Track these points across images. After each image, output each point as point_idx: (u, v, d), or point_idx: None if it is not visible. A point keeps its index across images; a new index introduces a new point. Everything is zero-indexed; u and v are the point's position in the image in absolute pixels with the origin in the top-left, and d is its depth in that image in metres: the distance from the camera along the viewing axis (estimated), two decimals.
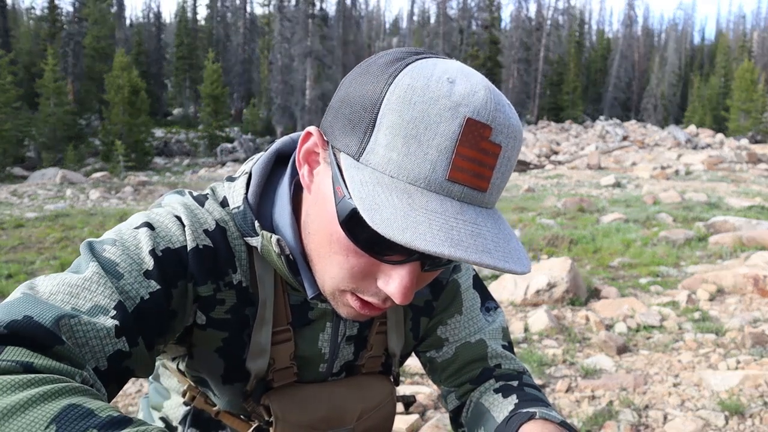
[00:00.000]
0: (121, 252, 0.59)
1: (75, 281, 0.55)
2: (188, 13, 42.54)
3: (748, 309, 3.69)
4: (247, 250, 0.68)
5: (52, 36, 29.65)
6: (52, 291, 0.54)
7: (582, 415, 2.32)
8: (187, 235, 0.63)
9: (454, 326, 0.81)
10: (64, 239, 6.47)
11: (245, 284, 0.68)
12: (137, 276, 0.58)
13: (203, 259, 0.63)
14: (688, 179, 12.46)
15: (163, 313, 0.60)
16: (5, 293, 4.34)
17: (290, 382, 0.74)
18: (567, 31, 47.72)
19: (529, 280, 3.95)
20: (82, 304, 0.54)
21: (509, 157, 0.53)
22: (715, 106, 42.17)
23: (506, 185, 0.57)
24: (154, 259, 0.60)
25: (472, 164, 0.50)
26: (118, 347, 0.54)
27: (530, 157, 18.47)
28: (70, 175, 14.75)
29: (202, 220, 0.65)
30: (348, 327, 0.75)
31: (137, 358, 0.58)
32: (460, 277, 0.83)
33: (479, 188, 0.51)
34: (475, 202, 0.52)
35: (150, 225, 0.62)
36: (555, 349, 3.07)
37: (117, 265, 0.58)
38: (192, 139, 28.76)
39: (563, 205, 8.25)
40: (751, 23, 61.00)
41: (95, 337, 0.53)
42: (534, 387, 0.79)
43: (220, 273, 0.65)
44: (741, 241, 5.47)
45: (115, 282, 0.57)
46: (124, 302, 0.56)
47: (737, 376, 2.56)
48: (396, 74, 0.52)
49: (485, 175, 0.51)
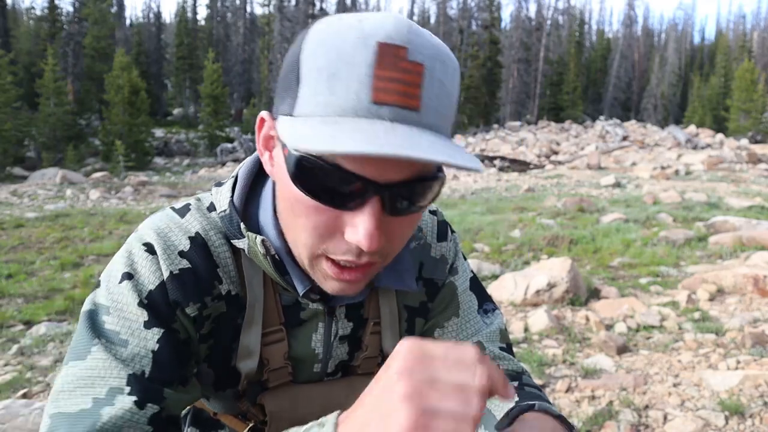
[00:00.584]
0: (118, 318, 0.62)
1: (85, 374, 0.60)
2: (188, 13, 42.53)
3: (748, 309, 3.69)
4: (233, 254, 0.68)
5: (52, 36, 29.64)
6: (72, 394, 0.59)
7: (582, 415, 2.33)
8: (160, 264, 0.63)
9: (451, 329, 0.81)
10: (64, 239, 6.47)
11: (234, 291, 0.68)
12: (140, 333, 0.62)
13: (182, 282, 0.64)
14: (688, 179, 12.47)
15: (179, 348, 0.64)
16: (5, 293, 4.35)
17: (286, 382, 0.75)
18: (567, 31, 47.73)
19: (530, 280, 3.95)
20: (99, 392, 0.59)
21: (441, 79, 0.52)
22: (715, 106, 42.17)
23: (450, 111, 0.55)
24: (144, 308, 0.62)
25: (396, 84, 0.50)
26: (148, 414, 0.60)
27: (530, 157, 18.47)
28: (70, 175, 14.75)
29: (176, 242, 0.65)
30: (341, 327, 0.75)
31: (173, 405, 0.62)
32: (456, 279, 0.82)
33: (410, 106, 0.50)
34: (411, 122, 0.51)
35: (128, 274, 0.63)
36: (555, 349, 3.07)
37: (119, 333, 0.61)
38: (192, 139, 28.76)
39: (563, 205, 8.25)
40: (751, 23, 60.99)
41: (125, 422, 0.58)
42: (534, 387, 0.79)
43: (203, 291, 0.66)
44: (741, 241, 5.48)
45: (123, 351, 0.61)
46: (136, 370, 0.60)
47: (737, 376, 2.56)
48: (309, 28, 0.55)
49: (413, 93, 0.50)
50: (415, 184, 0.54)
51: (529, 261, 5.21)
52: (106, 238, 6.57)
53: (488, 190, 11.59)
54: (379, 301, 0.77)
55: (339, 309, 0.74)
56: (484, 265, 4.78)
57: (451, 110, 0.55)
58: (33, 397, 2.61)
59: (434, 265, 0.81)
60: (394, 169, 0.52)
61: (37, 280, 4.80)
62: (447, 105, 0.54)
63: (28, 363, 3.02)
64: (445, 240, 0.82)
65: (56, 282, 4.73)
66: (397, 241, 0.59)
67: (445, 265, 0.82)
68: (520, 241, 5.96)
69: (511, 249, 5.68)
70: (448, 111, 0.54)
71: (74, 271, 5.13)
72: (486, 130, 29.05)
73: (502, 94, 38.02)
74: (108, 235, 6.78)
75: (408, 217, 0.58)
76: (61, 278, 4.89)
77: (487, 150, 20.43)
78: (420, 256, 0.80)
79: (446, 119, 0.54)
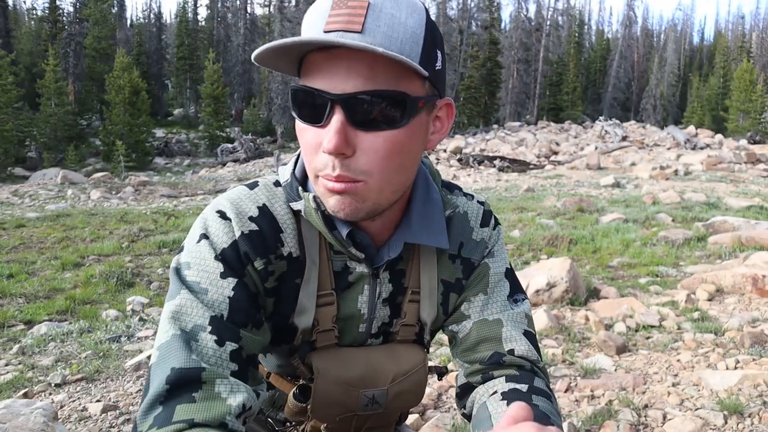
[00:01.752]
0: (198, 271, 0.71)
1: (176, 308, 0.70)
2: (189, 14, 42.52)
3: (747, 309, 3.70)
4: (295, 220, 0.78)
5: (53, 36, 29.60)
6: (165, 325, 0.69)
7: (581, 415, 2.34)
8: (234, 226, 0.73)
9: (476, 303, 0.86)
10: (65, 239, 6.48)
11: (295, 254, 0.77)
12: (216, 282, 0.71)
13: (251, 241, 0.73)
14: (687, 179, 12.47)
15: (251, 297, 0.73)
16: (6, 293, 4.36)
17: (331, 344, 0.82)
18: (566, 32, 47.72)
19: (529, 279, 3.96)
20: (185, 325, 0.68)
21: (390, 12, 0.63)
22: (714, 106, 42.16)
23: (407, 39, 0.65)
24: (220, 261, 0.72)
25: (343, 17, 0.62)
26: (229, 350, 0.68)
27: (530, 158, 18.47)
28: (71, 175, 14.76)
29: (246, 209, 0.75)
30: (384, 290, 0.83)
31: (250, 345, 0.71)
32: (492, 262, 0.88)
33: (352, 29, 0.62)
34: (355, 40, 0.61)
35: (204, 235, 0.73)
36: (554, 348, 3.08)
37: (200, 283, 0.71)
38: (192, 139, 28.75)
39: (563, 205, 8.26)
40: (750, 24, 60.98)
41: (213, 355, 0.67)
42: (543, 392, 0.79)
43: (268, 249, 0.75)
44: (740, 241, 5.49)
45: (204, 297, 0.70)
46: (216, 313, 0.69)
47: (736, 375, 2.57)
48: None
49: (356, 21, 0.62)
50: (374, 98, 0.63)
51: (528, 261, 5.22)
52: (107, 238, 6.58)
53: (488, 190, 11.60)
54: (420, 271, 0.84)
55: (383, 273, 0.82)
56: None
57: (410, 40, 0.64)
58: (34, 396, 2.62)
59: (474, 247, 0.88)
60: (347, 81, 0.63)
61: (38, 279, 4.81)
62: (402, 33, 0.64)
63: (29, 362, 3.03)
64: (487, 226, 0.89)
65: (57, 282, 4.74)
66: (376, 159, 0.66)
67: (483, 249, 0.88)
68: (519, 241, 5.96)
69: (511, 249, 5.69)
70: (404, 38, 0.64)
71: (75, 271, 5.14)
72: (486, 130, 29.04)
73: (501, 94, 37.98)
74: (109, 235, 6.78)
75: (382, 135, 0.65)
76: (62, 278, 4.90)
77: (486, 150, 20.43)
78: (461, 237, 0.87)
79: (401, 44, 0.64)
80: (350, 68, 0.63)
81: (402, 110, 0.65)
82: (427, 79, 0.68)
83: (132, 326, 3.59)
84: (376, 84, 0.63)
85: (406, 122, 0.66)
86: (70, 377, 2.79)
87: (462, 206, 0.88)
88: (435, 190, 0.83)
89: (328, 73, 0.64)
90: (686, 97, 50.66)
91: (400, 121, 0.66)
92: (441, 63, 0.70)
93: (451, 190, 0.89)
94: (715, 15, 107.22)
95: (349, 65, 0.63)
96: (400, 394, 0.85)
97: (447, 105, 0.74)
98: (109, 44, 31.06)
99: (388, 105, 0.64)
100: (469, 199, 0.90)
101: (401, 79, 0.64)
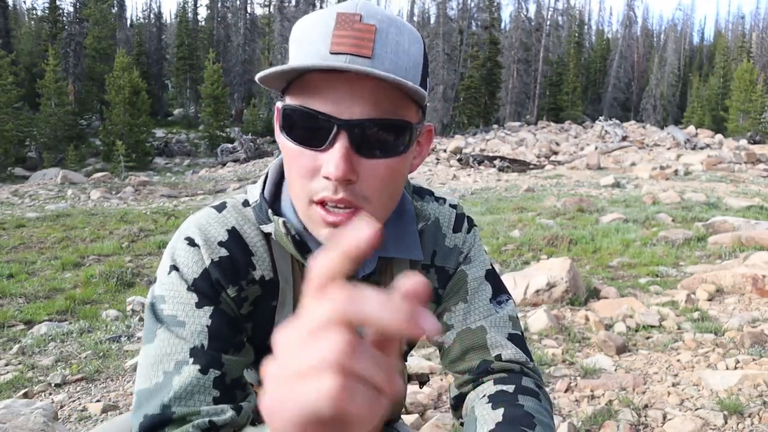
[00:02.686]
0: (173, 304, 0.71)
1: (155, 353, 0.70)
2: (189, 14, 42.51)
3: (747, 309, 3.70)
4: (266, 243, 0.76)
5: (53, 36, 29.60)
6: (147, 371, 0.69)
7: (581, 415, 2.33)
8: (203, 253, 0.73)
9: (457, 313, 0.85)
10: (65, 239, 6.48)
11: (268, 277, 0.76)
12: (193, 313, 0.71)
13: (222, 268, 0.73)
14: (687, 179, 12.47)
15: (230, 321, 0.73)
16: (6, 293, 4.36)
17: None
18: (566, 32, 47.71)
19: (529, 279, 3.96)
20: (168, 366, 0.68)
21: (396, 39, 0.62)
22: (714, 106, 42.15)
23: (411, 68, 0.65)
24: (193, 292, 0.71)
25: (351, 39, 0.61)
26: (212, 378, 0.68)
27: (530, 158, 18.47)
28: (71, 175, 14.76)
29: (215, 233, 0.74)
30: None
31: (233, 369, 0.71)
32: (469, 268, 0.87)
33: (362, 54, 0.60)
34: (365, 65, 0.60)
35: (174, 266, 0.73)
36: (554, 348, 3.08)
37: (176, 317, 0.70)
38: (192, 139, 28.74)
39: (563, 205, 8.26)
40: (750, 24, 60.97)
41: (194, 387, 0.67)
42: (531, 391, 0.78)
43: (240, 275, 0.74)
44: (740, 241, 5.49)
45: (182, 331, 0.70)
46: (197, 344, 0.69)
47: (736, 375, 2.56)
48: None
49: (366, 45, 0.61)
50: (380, 126, 0.62)
51: (528, 261, 5.22)
52: (107, 238, 6.58)
53: (488, 190, 11.60)
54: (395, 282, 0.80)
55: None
56: None
57: (413, 68, 0.64)
58: (34, 396, 2.62)
59: (447, 254, 0.86)
60: (353, 107, 0.61)
61: (38, 279, 4.81)
62: (406, 60, 0.63)
63: (29, 362, 3.02)
64: (459, 231, 0.88)
65: (57, 282, 4.74)
66: (376, 185, 0.65)
67: (457, 255, 0.87)
68: (519, 241, 5.96)
69: (511, 249, 5.69)
70: (408, 66, 0.63)
71: (75, 271, 5.14)
72: (486, 130, 29.03)
73: (501, 94, 37.97)
74: (109, 235, 6.78)
75: (384, 162, 0.64)
76: (62, 278, 4.89)
77: (486, 150, 20.43)
78: (434, 245, 0.85)
79: (406, 72, 0.63)
80: (354, 93, 0.61)
81: (404, 138, 0.65)
82: (420, 107, 0.68)
83: (132, 326, 3.59)
84: (380, 111, 0.62)
85: (406, 150, 0.66)
86: (70, 377, 2.79)
87: (433, 213, 0.87)
88: (408, 200, 0.82)
89: (331, 97, 0.61)
90: (686, 97, 50.65)
91: (401, 148, 0.65)
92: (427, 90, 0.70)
93: (422, 197, 0.88)
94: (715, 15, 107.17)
95: (352, 90, 0.61)
96: None
97: (428, 131, 0.75)
98: (109, 44, 31.05)
99: (392, 133, 0.64)
100: (441, 204, 0.89)
101: (401, 107, 0.64)
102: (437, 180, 13.98)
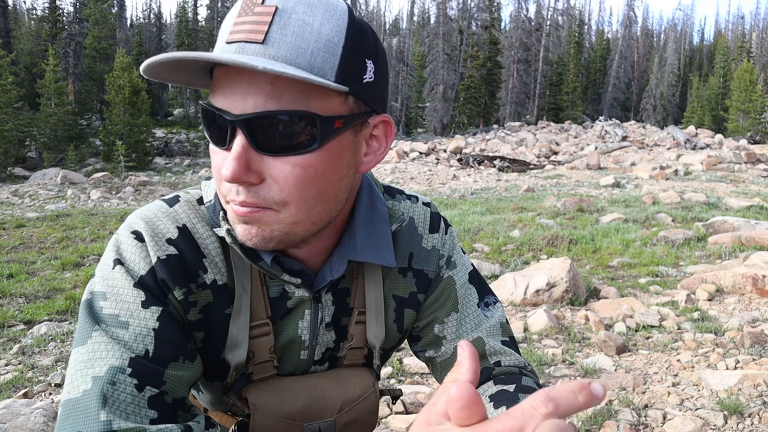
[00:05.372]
0: (115, 302, 0.63)
1: (86, 357, 0.60)
2: (189, 14, 42.54)
3: (747, 309, 3.70)
4: (222, 246, 0.70)
5: (53, 36, 29.60)
6: (74, 377, 0.59)
7: (581, 415, 2.34)
8: (149, 250, 0.65)
9: (451, 324, 0.82)
10: (65, 239, 6.48)
11: (221, 281, 0.70)
12: (138, 313, 0.62)
13: (169, 267, 0.65)
14: (687, 179, 12.48)
15: (179, 326, 0.66)
16: (6, 293, 4.35)
17: (271, 375, 0.75)
18: (566, 32, 47.73)
19: (529, 280, 3.96)
20: (98, 371, 0.59)
21: (301, 19, 0.56)
22: (714, 106, 42.17)
23: (318, 49, 0.57)
24: (140, 289, 0.64)
25: (248, 25, 0.56)
26: (147, 395, 0.59)
27: (530, 158, 18.47)
28: (71, 175, 14.75)
29: (163, 229, 0.67)
30: (327, 314, 0.76)
31: (175, 387, 0.62)
32: (455, 273, 0.83)
33: (253, 40, 0.56)
34: (254, 53, 0.56)
35: (119, 260, 0.65)
36: (555, 348, 3.08)
37: (118, 316, 0.62)
38: (192, 139, 28.74)
39: (563, 205, 8.26)
40: (750, 24, 60.98)
41: (131, 403, 0.58)
42: (532, 390, 0.78)
43: (188, 277, 0.67)
44: (740, 241, 5.49)
45: (124, 333, 0.61)
46: (139, 351, 0.61)
47: (736, 375, 2.56)
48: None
49: (259, 30, 0.56)
50: (279, 120, 0.56)
51: (528, 261, 5.22)
52: (107, 238, 6.58)
53: (488, 190, 11.60)
54: (365, 290, 0.77)
55: (325, 296, 0.75)
56: (484, 264, 4.79)
57: (322, 50, 0.57)
58: (34, 396, 2.62)
59: (426, 257, 0.81)
60: (247, 99, 0.56)
61: (38, 279, 4.81)
62: (313, 42, 0.56)
63: (28, 362, 3.03)
64: (436, 232, 0.83)
65: (57, 282, 4.74)
66: (289, 186, 0.59)
67: (436, 257, 0.82)
68: (519, 241, 5.96)
69: (511, 249, 5.69)
70: (315, 48, 0.56)
71: (75, 271, 5.14)
72: (486, 130, 29.04)
73: (501, 94, 37.98)
74: (108, 235, 6.78)
75: (290, 160, 0.58)
76: (62, 278, 4.89)
77: (486, 150, 20.43)
78: (410, 247, 0.80)
79: (312, 56, 0.56)
80: (251, 84, 0.56)
81: (311, 132, 0.57)
82: (351, 95, 0.60)
83: None
84: (280, 103, 0.56)
85: (319, 145, 0.58)
86: None
87: (407, 213, 0.81)
88: (381, 201, 0.76)
89: (228, 90, 0.57)
90: (686, 97, 50.68)
91: (311, 144, 0.58)
92: (374, 74, 0.61)
93: (393, 196, 0.82)
94: (715, 15, 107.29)
95: (250, 81, 0.56)
96: (351, 424, 0.79)
97: (384, 122, 0.65)
98: (109, 44, 31.05)
99: (294, 126, 0.57)
100: (414, 202, 0.83)
101: (312, 96, 0.57)
102: (437, 180, 13.99)
